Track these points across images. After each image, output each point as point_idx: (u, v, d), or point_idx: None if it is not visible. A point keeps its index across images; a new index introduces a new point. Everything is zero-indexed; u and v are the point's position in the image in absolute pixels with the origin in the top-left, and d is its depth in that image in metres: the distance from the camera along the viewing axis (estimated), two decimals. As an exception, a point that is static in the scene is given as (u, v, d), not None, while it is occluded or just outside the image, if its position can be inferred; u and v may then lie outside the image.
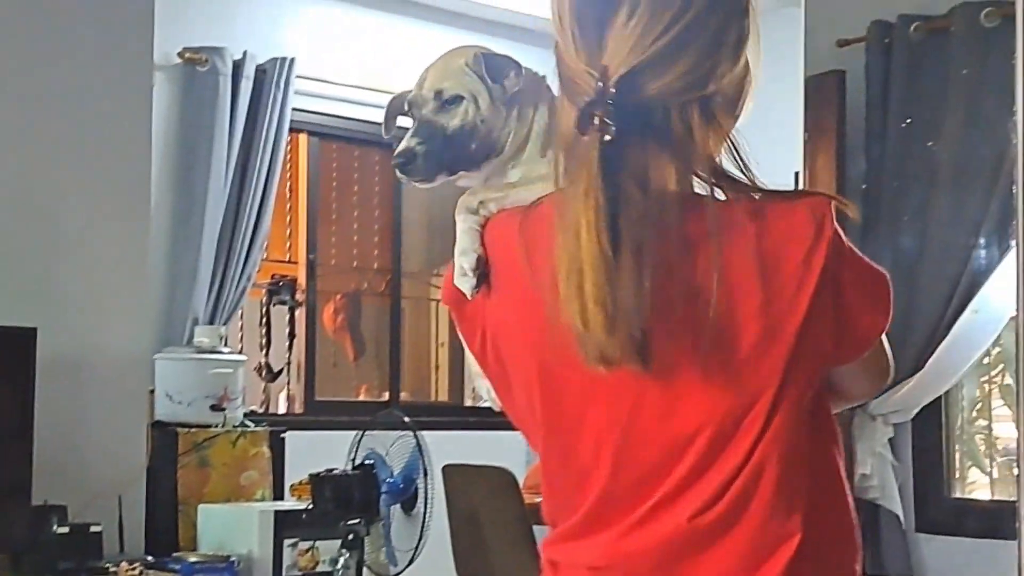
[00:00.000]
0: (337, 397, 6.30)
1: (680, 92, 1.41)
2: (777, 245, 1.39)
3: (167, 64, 5.43)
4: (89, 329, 4.49)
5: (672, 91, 1.41)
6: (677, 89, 1.41)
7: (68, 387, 4.36)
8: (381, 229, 6.46)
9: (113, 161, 4.61)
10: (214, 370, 4.87)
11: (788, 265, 1.39)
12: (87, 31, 4.56)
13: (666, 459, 1.42)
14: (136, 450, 4.60)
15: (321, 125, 6.08)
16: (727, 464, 1.40)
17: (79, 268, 4.49)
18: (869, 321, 1.47)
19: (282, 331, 5.76)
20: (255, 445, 4.87)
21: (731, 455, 1.40)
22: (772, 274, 1.39)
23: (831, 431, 1.49)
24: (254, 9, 5.83)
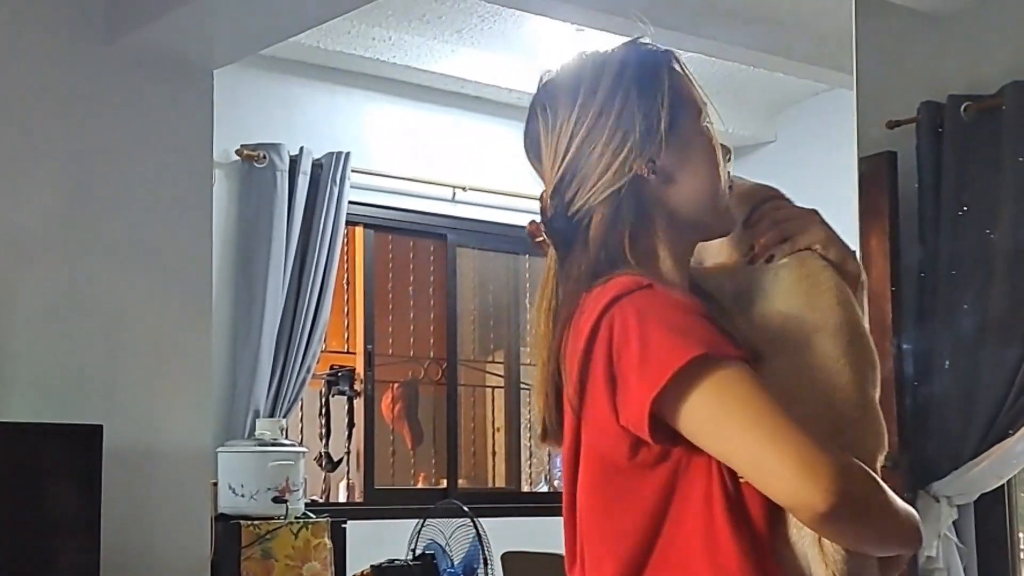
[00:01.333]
0: (396, 485, 6.32)
1: (599, 193, 1.54)
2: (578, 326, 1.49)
3: (226, 161, 5.54)
4: (153, 424, 4.53)
5: (591, 195, 1.54)
6: (595, 192, 1.54)
7: (133, 481, 4.40)
8: (436, 318, 6.51)
9: (175, 258, 4.68)
10: (275, 462, 4.91)
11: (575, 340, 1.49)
12: (148, 132, 4.66)
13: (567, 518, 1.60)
14: (200, 543, 4.62)
15: (376, 217, 6.17)
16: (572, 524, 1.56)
17: (143, 364, 4.54)
18: (635, 392, 1.42)
19: (341, 421, 5.80)
20: (317, 536, 4.89)
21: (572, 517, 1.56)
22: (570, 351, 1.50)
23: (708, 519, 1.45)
24: (309, 105, 5.94)
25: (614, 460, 1.47)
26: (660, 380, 1.40)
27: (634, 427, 1.43)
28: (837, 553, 1.45)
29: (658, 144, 1.54)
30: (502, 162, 6.50)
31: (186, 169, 4.75)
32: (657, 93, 1.56)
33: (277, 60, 5.68)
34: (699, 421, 1.41)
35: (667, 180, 1.56)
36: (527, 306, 6.89)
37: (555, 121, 1.58)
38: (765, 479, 1.39)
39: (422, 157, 6.23)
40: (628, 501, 1.47)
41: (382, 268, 6.35)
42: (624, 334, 1.43)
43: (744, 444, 1.40)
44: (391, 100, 6.16)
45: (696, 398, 1.41)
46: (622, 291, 1.46)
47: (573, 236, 1.56)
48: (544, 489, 6.87)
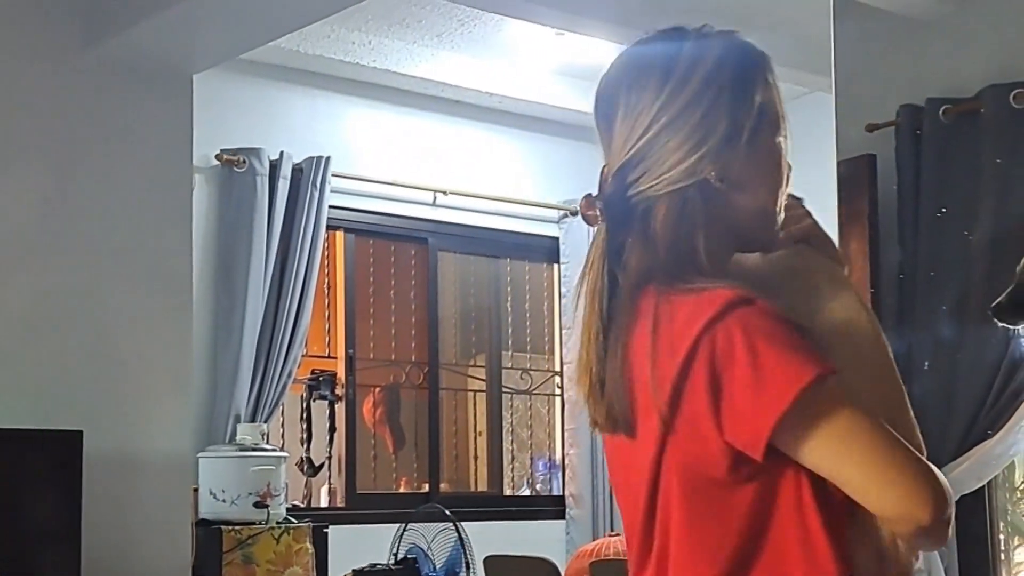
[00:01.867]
0: (378, 490, 6.31)
1: (669, 183, 1.51)
2: (660, 332, 1.46)
3: (205, 166, 5.53)
4: (134, 429, 4.52)
5: (660, 183, 1.51)
6: (665, 181, 1.51)
7: (114, 487, 4.38)
8: (417, 322, 6.51)
9: (154, 263, 4.67)
10: (256, 467, 4.90)
11: (669, 351, 1.45)
12: (127, 137, 4.64)
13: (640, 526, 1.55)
14: (181, 548, 4.61)
15: (357, 222, 6.16)
16: (650, 533, 1.52)
17: (123, 369, 4.53)
18: (752, 412, 1.40)
19: (323, 425, 5.80)
20: (298, 541, 4.88)
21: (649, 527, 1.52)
22: (660, 360, 1.45)
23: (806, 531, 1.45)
24: (289, 109, 5.94)
25: (711, 474, 1.45)
26: (783, 402, 1.39)
27: (744, 445, 1.42)
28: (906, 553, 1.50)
29: (735, 153, 1.51)
30: (483, 166, 6.51)
31: (166, 174, 4.74)
32: (748, 102, 1.52)
33: (257, 64, 5.67)
34: (813, 441, 1.41)
35: (733, 190, 1.52)
36: (508, 310, 6.89)
37: (639, 99, 1.52)
38: (874, 496, 1.42)
39: (403, 161, 6.23)
40: (723, 515, 1.45)
41: (363, 272, 6.34)
42: (731, 351, 1.41)
43: (859, 465, 1.41)
44: (371, 104, 6.16)
45: (813, 419, 1.41)
46: (725, 306, 1.43)
47: (628, 219, 1.52)
48: (526, 493, 6.88)
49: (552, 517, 6.60)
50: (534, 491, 6.91)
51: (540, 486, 6.95)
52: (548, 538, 6.32)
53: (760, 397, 1.39)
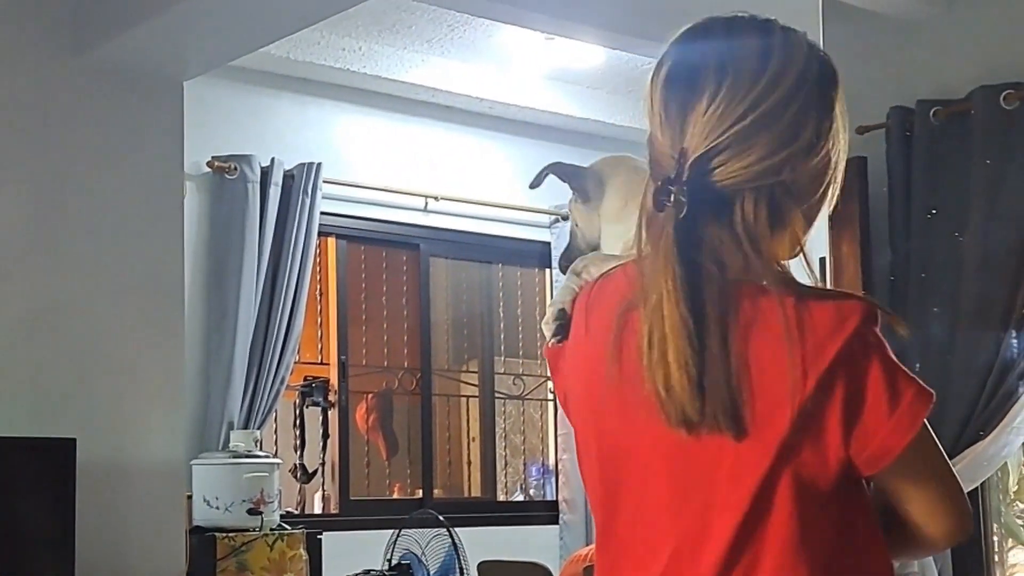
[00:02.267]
0: (371, 496, 6.31)
1: (751, 178, 1.46)
2: (802, 337, 1.42)
3: (196, 173, 5.52)
4: (127, 437, 4.52)
5: (743, 176, 1.46)
6: (748, 175, 1.46)
7: (107, 495, 4.38)
8: (410, 328, 6.51)
9: (146, 271, 4.67)
10: (250, 474, 4.90)
11: (805, 356, 1.41)
12: (118, 144, 4.64)
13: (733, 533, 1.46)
14: (175, 556, 4.61)
15: (349, 228, 6.16)
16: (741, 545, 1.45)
17: (116, 377, 4.53)
18: (886, 431, 1.43)
19: (316, 432, 5.80)
20: (292, 547, 4.88)
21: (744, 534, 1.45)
22: (792, 362, 1.41)
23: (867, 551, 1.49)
24: (280, 116, 5.94)
25: (818, 485, 1.44)
26: (917, 420, 1.44)
27: (866, 461, 1.45)
28: None
29: (810, 160, 1.48)
30: (474, 171, 6.51)
31: (157, 181, 4.74)
32: (831, 110, 1.51)
33: (247, 71, 5.67)
34: (911, 460, 1.47)
35: (797, 196, 1.49)
36: (501, 315, 6.89)
37: (734, 84, 1.47)
38: (935, 517, 1.51)
39: (394, 167, 6.23)
40: (823, 523, 1.46)
41: (355, 279, 6.34)
42: (867, 366, 1.42)
43: (930, 486, 1.50)
44: (362, 110, 6.16)
45: (916, 440, 1.46)
46: (865, 319, 1.43)
47: (708, 208, 1.45)
48: (520, 498, 6.87)
49: (546, 522, 6.60)
50: (527, 496, 6.91)
51: (533, 491, 6.95)
52: (542, 543, 6.32)
53: (894, 414, 1.43)
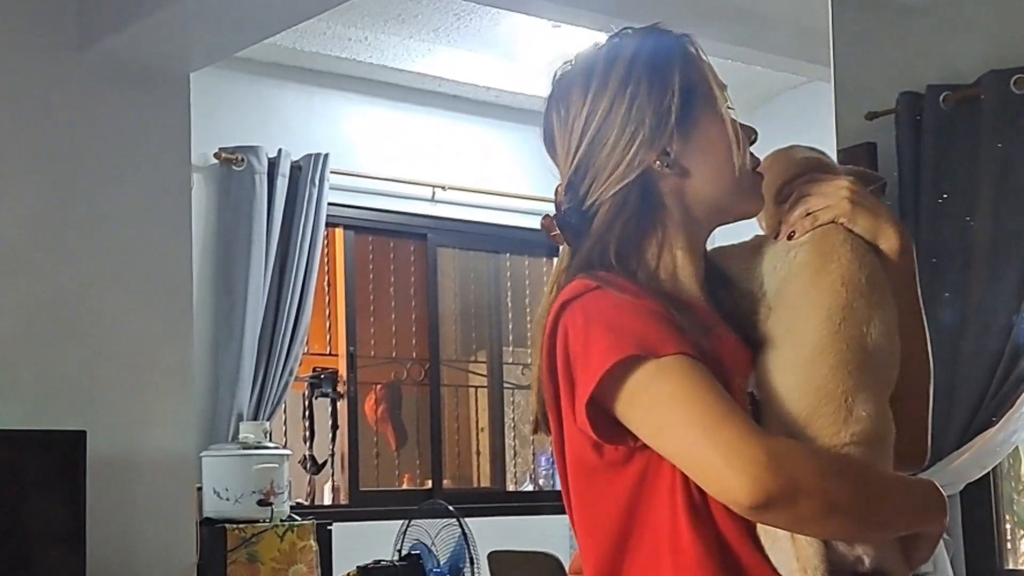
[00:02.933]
0: (381, 487, 6.31)
1: (610, 190, 1.52)
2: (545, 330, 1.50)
3: (204, 165, 5.52)
4: (136, 429, 4.52)
5: (603, 192, 1.53)
6: (607, 189, 1.52)
7: (117, 487, 4.38)
8: (418, 319, 6.50)
9: (155, 262, 4.66)
10: (260, 465, 4.90)
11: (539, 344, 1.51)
12: (125, 137, 4.63)
13: None
14: (186, 547, 4.61)
15: (356, 219, 6.15)
16: None
17: (125, 369, 4.52)
18: (580, 387, 1.44)
19: (325, 423, 5.79)
20: (302, 538, 4.88)
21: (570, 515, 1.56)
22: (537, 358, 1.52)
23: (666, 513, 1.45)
24: (287, 107, 5.93)
25: (585, 459, 1.48)
26: (592, 381, 1.41)
27: (582, 428, 1.45)
28: (809, 547, 1.42)
29: (669, 136, 1.52)
30: (481, 161, 6.50)
31: (164, 173, 4.74)
32: (668, 84, 1.53)
33: (253, 62, 5.66)
34: (636, 419, 1.42)
35: (682, 172, 1.54)
36: (509, 305, 6.89)
37: (568, 115, 1.56)
38: (697, 473, 1.40)
39: (401, 157, 6.22)
40: (604, 498, 1.47)
41: (363, 269, 6.33)
42: (575, 337, 1.45)
43: (678, 440, 1.40)
44: (368, 100, 6.15)
45: (629, 397, 1.41)
46: (572, 295, 1.47)
47: (576, 231, 1.55)
48: (529, 488, 6.87)
49: (555, 512, 6.55)
50: (537, 486, 6.90)
51: (543, 481, 6.94)
52: (551, 533, 6.31)
53: (583, 379, 1.43)
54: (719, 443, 1.36)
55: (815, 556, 1.42)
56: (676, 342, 1.42)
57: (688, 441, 1.38)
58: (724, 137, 1.56)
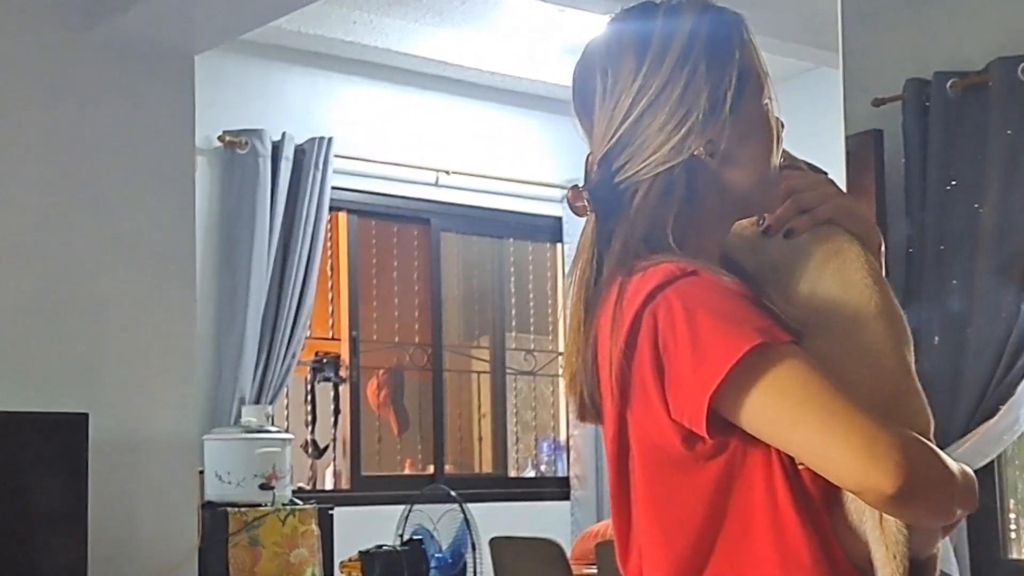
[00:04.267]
0: (383, 472, 6.30)
1: (651, 170, 1.48)
2: (618, 311, 1.44)
3: (207, 148, 5.50)
4: (138, 412, 4.51)
5: (642, 171, 1.48)
6: (647, 168, 1.48)
7: (119, 470, 4.37)
8: (421, 303, 6.49)
9: (158, 245, 4.65)
10: (262, 449, 4.89)
11: (618, 329, 1.43)
12: (128, 119, 4.62)
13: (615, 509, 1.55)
14: (187, 531, 4.61)
15: (360, 203, 6.14)
16: (627, 515, 1.51)
17: (127, 352, 4.52)
18: (691, 389, 1.37)
19: (327, 408, 5.78)
20: (304, 523, 4.87)
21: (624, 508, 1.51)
22: (610, 336, 1.44)
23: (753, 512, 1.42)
24: (291, 91, 5.91)
25: (668, 452, 1.42)
26: (717, 375, 1.35)
27: (689, 422, 1.39)
28: (900, 534, 1.42)
29: (720, 125, 1.48)
30: (485, 145, 6.48)
31: (168, 156, 4.73)
32: (726, 71, 1.49)
33: (257, 45, 5.64)
34: (758, 413, 1.37)
35: (725, 162, 1.49)
36: (512, 291, 6.87)
37: (616, 84, 1.49)
38: (830, 466, 1.36)
39: (405, 141, 6.20)
40: (685, 493, 1.42)
41: (366, 254, 6.32)
42: (671, 325, 1.38)
43: (807, 433, 1.35)
44: (373, 84, 6.13)
45: (754, 390, 1.36)
46: (666, 279, 1.40)
47: (616, 206, 1.49)
48: (531, 474, 6.86)
49: (557, 498, 6.59)
50: (539, 472, 6.90)
51: (545, 467, 6.94)
52: (553, 519, 6.31)
53: (698, 371, 1.36)
54: (854, 435, 1.33)
55: (904, 543, 1.42)
56: (784, 329, 1.38)
57: (822, 436, 1.34)
58: (767, 130, 1.53)
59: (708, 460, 1.41)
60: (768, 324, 1.38)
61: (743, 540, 1.41)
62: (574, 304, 1.51)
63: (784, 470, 1.41)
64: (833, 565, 1.41)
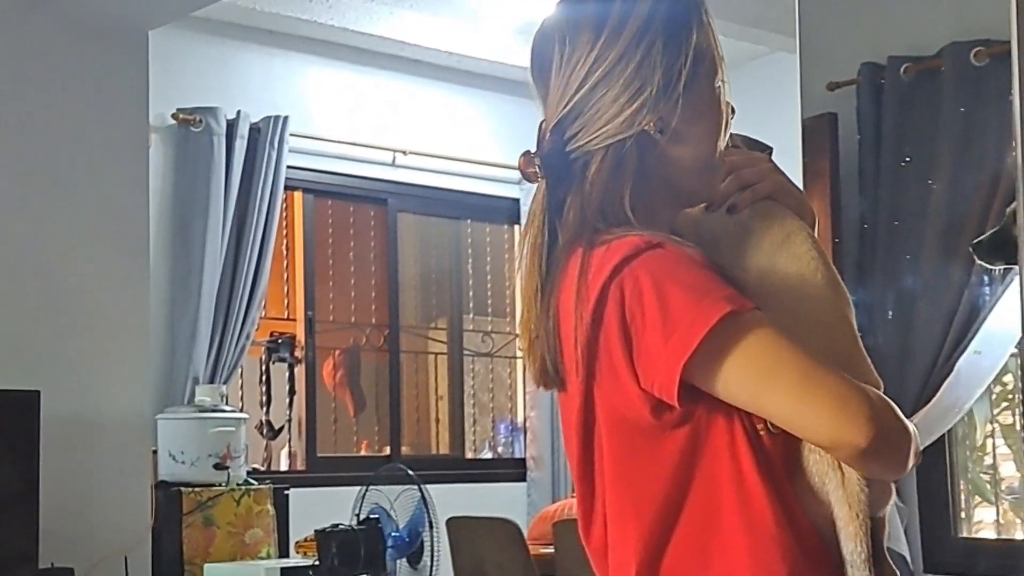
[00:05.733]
0: (338, 453, 6.29)
1: (603, 140, 1.50)
2: (583, 282, 1.45)
3: (162, 125, 5.46)
4: (91, 391, 4.48)
5: (595, 140, 1.50)
6: (600, 138, 1.50)
7: (72, 449, 4.35)
8: (377, 284, 6.47)
9: (111, 224, 4.62)
10: (216, 428, 4.87)
11: (584, 301, 1.45)
12: (81, 96, 4.58)
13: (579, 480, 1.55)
14: (141, 511, 4.59)
15: (316, 182, 6.11)
16: (591, 486, 1.52)
17: (80, 330, 4.49)
18: (663, 360, 1.40)
19: (282, 388, 5.76)
20: (259, 503, 4.86)
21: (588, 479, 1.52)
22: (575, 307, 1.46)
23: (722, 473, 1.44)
24: (246, 68, 5.87)
25: (636, 423, 1.44)
26: (690, 343, 1.38)
27: (659, 391, 1.41)
28: (861, 492, 1.46)
29: (673, 103, 1.50)
30: (443, 126, 6.46)
31: (122, 134, 4.70)
32: (682, 50, 1.51)
33: (213, 22, 5.60)
34: (732, 379, 1.40)
35: (673, 140, 1.51)
36: (469, 272, 6.87)
37: (572, 53, 1.51)
38: (806, 424, 1.40)
39: (362, 121, 6.18)
40: (653, 463, 1.45)
41: (322, 234, 6.29)
42: (639, 297, 1.41)
43: (781, 396, 1.39)
44: (330, 63, 6.10)
45: (727, 357, 1.39)
46: (632, 251, 1.42)
47: (567, 174, 1.52)
48: (488, 456, 6.87)
49: (514, 479, 6.60)
50: (495, 454, 6.91)
51: (502, 449, 6.95)
52: (509, 500, 6.32)
53: (669, 341, 1.39)
54: (827, 395, 1.38)
55: (866, 500, 1.46)
56: (745, 298, 1.41)
57: (797, 393, 1.39)
58: (718, 112, 1.54)
59: (674, 429, 1.43)
60: (733, 292, 1.41)
61: (709, 507, 1.44)
62: (528, 269, 1.52)
63: (747, 437, 1.44)
64: (796, 529, 1.44)
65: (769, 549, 1.42)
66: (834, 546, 1.46)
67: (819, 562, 1.45)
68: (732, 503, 1.43)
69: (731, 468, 1.43)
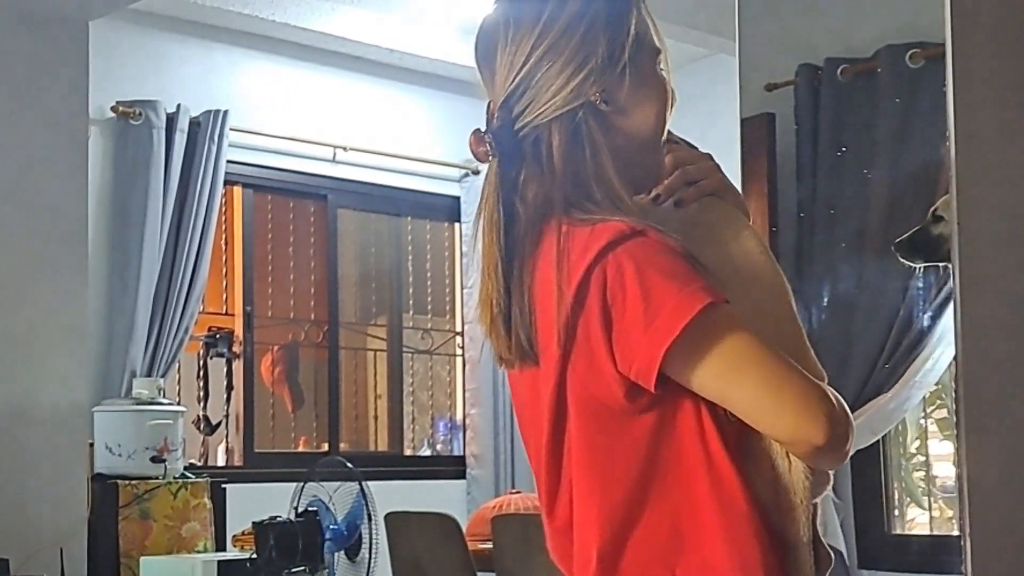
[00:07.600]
0: (276, 449, 6.27)
1: (551, 113, 1.53)
2: (563, 262, 1.47)
3: (101, 118, 5.43)
4: (27, 382, 4.44)
5: (543, 114, 1.53)
6: (548, 111, 1.53)
7: (7, 440, 4.31)
8: (317, 280, 6.46)
9: (49, 215, 4.59)
10: (153, 421, 4.84)
11: (566, 282, 1.47)
12: (20, 86, 4.55)
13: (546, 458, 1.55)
14: (77, 503, 4.55)
15: (256, 177, 6.09)
16: (558, 464, 1.53)
17: (16, 322, 4.45)
18: (644, 346, 1.43)
19: (220, 383, 5.74)
20: (196, 496, 4.84)
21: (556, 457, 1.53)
22: (556, 287, 1.48)
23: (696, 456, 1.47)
24: (187, 62, 5.84)
25: (609, 405, 1.47)
26: (672, 331, 1.41)
27: (637, 375, 1.44)
28: (806, 480, 1.50)
29: (617, 75, 1.53)
30: (384, 123, 6.47)
31: (60, 125, 4.67)
32: (624, 23, 1.55)
33: (153, 16, 5.57)
34: (706, 370, 1.43)
35: (619, 113, 1.54)
36: (409, 270, 6.87)
37: (516, 31, 1.55)
38: (767, 419, 1.44)
39: (302, 117, 6.17)
40: (624, 444, 1.47)
41: (261, 229, 6.27)
42: (621, 283, 1.43)
43: (748, 390, 1.43)
44: (270, 58, 6.09)
45: (703, 348, 1.42)
46: (616, 237, 1.45)
47: (518, 150, 1.54)
48: (427, 453, 6.87)
49: (453, 477, 6.61)
50: (435, 451, 6.91)
51: (441, 447, 6.95)
52: (449, 498, 6.33)
53: (650, 327, 1.41)
54: (793, 389, 1.42)
55: (810, 488, 1.51)
56: (721, 291, 1.44)
57: (763, 389, 1.42)
58: (662, 91, 1.58)
59: (644, 412, 1.46)
60: (710, 284, 1.44)
61: (678, 488, 1.46)
62: (487, 247, 1.54)
63: (713, 419, 1.47)
64: (760, 509, 1.47)
65: (744, 528, 1.45)
66: (779, 529, 1.49)
67: (775, 543, 1.48)
68: (704, 485, 1.46)
69: (701, 451, 1.46)
